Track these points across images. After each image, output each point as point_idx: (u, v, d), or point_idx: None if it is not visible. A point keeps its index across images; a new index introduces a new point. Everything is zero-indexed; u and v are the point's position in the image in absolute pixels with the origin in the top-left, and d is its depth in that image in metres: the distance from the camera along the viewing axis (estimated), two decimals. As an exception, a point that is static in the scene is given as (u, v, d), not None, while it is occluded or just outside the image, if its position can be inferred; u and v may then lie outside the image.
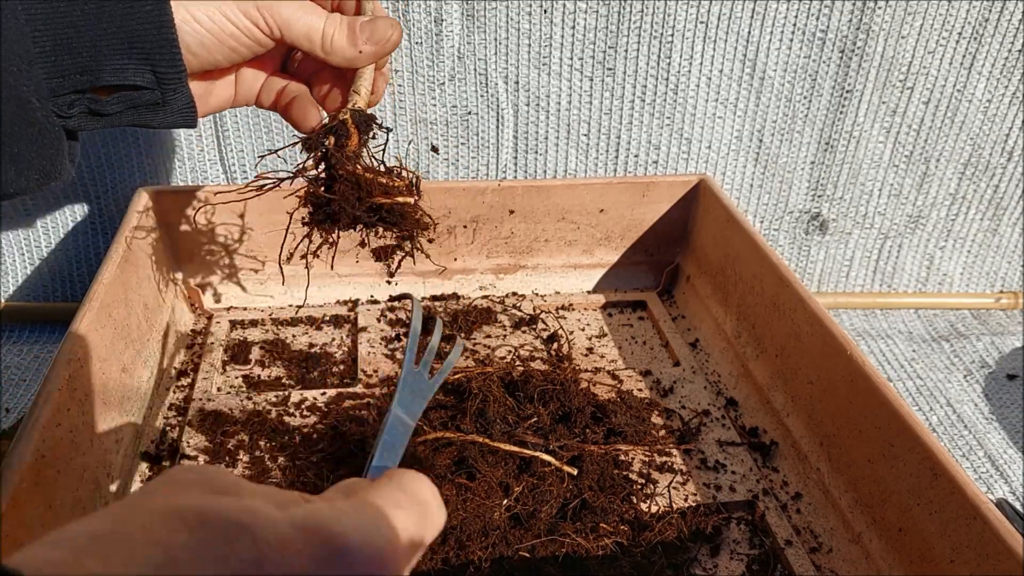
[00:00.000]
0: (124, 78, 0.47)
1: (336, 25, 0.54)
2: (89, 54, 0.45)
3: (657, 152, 0.95)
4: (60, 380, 0.56)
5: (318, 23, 0.53)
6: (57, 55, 0.44)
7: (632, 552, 0.60)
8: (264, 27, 0.51)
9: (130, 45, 0.46)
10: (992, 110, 0.94)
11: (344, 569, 0.27)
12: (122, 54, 0.46)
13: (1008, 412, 0.86)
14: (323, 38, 0.54)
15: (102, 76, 0.46)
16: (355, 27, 0.54)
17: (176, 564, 0.23)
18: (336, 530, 0.27)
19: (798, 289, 0.70)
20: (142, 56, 0.46)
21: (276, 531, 0.26)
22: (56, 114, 0.46)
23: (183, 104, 0.50)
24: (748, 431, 0.74)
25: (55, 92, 0.45)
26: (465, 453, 0.61)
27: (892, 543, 0.58)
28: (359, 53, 0.55)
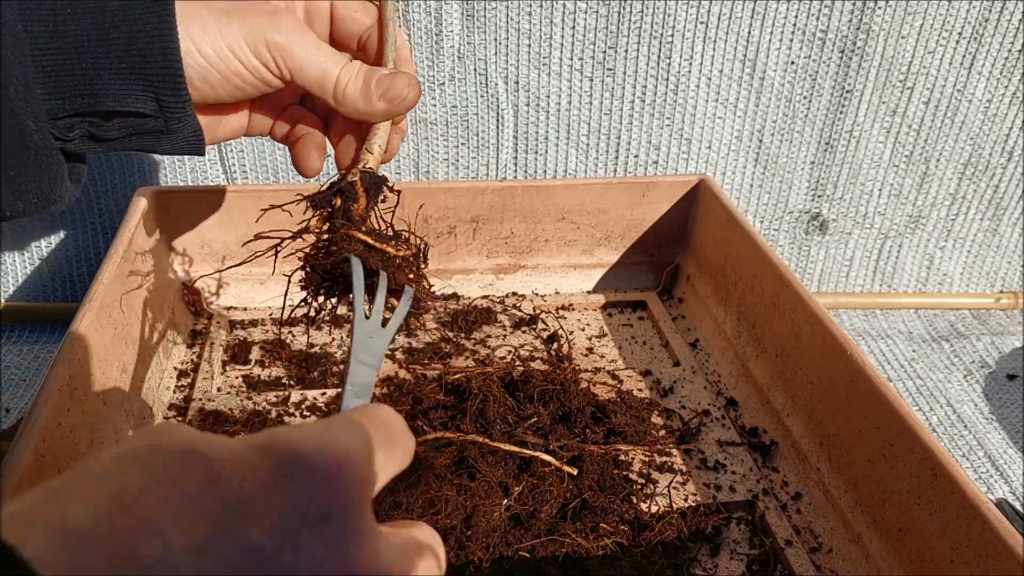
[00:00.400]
0: (126, 104, 0.45)
1: (352, 75, 0.50)
2: (90, 78, 0.43)
3: (657, 152, 0.95)
4: (60, 380, 0.56)
5: (333, 70, 0.50)
6: (57, 77, 0.43)
7: (632, 552, 0.60)
8: (274, 68, 0.48)
9: (132, 71, 0.44)
10: (992, 110, 0.94)
11: (302, 480, 0.25)
12: (124, 80, 0.44)
13: (1008, 412, 0.86)
14: (336, 87, 0.50)
15: (103, 101, 0.44)
16: (371, 81, 0.51)
17: (130, 492, 0.23)
18: (292, 444, 0.26)
19: (798, 289, 0.70)
20: (145, 83, 0.44)
21: (230, 451, 0.25)
22: (55, 136, 0.44)
23: (189, 133, 0.48)
24: (748, 431, 0.74)
25: (54, 115, 0.44)
26: (465, 453, 0.61)
27: (892, 543, 0.58)
28: (371, 109, 0.51)
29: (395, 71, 0.52)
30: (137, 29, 0.44)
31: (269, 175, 0.92)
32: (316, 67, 0.49)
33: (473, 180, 0.93)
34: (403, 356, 0.80)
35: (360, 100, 0.51)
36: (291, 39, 0.48)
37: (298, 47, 0.48)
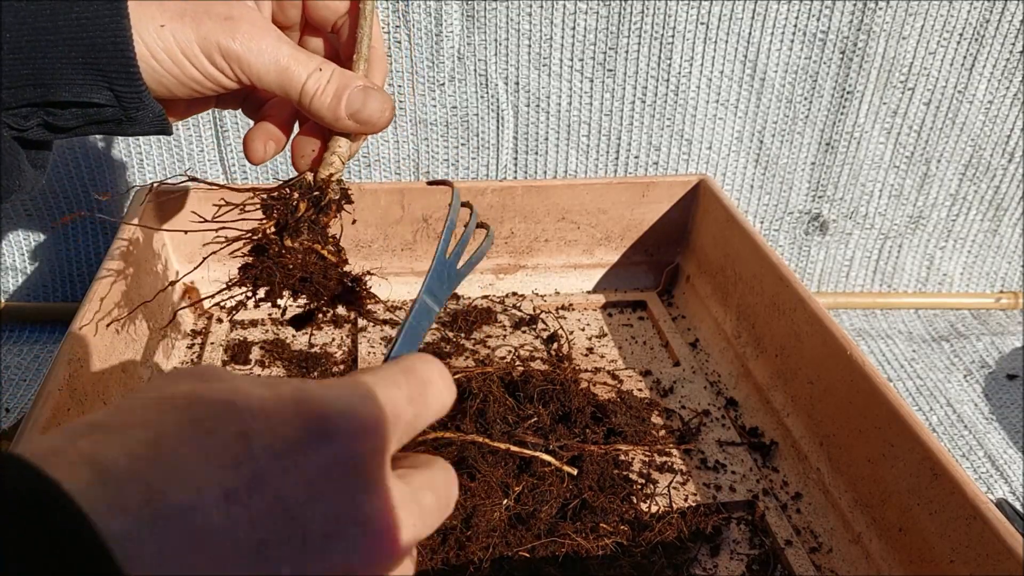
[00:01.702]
0: (80, 95, 0.43)
1: (322, 83, 0.47)
2: (41, 68, 0.42)
3: (658, 153, 0.95)
4: (60, 380, 0.56)
5: (297, 79, 0.47)
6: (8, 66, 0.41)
7: (632, 552, 0.60)
8: (230, 75, 0.46)
9: (85, 62, 0.42)
10: (993, 111, 0.94)
11: (329, 440, 0.27)
12: (77, 70, 0.43)
13: (1008, 412, 0.86)
14: (303, 95, 0.47)
15: (56, 92, 0.43)
16: (343, 95, 0.48)
17: (166, 441, 0.24)
18: (320, 401, 0.27)
19: (798, 289, 0.70)
20: (98, 74, 0.43)
21: (262, 405, 0.26)
22: (11, 127, 0.43)
23: (152, 117, 0.46)
24: (748, 431, 0.74)
25: (6, 105, 0.43)
26: (465, 453, 0.61)
27: (892, 543, 0.58)
28: (339, 126, 0.49)
29: (369, 86, 0.49)
30: (87, 18, 0.42)
31: (269, 175, 0.92)
32: (277, 75, 0.47)
33: (473, 180, 0.93)
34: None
35: (328, 113, 0.48)
36: (248, 47, 0.45)
37: (254, 56, 0.45)
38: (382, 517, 0.28)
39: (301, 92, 0.47)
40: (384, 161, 0.93)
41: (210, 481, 0.23)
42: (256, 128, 0.52)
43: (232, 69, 0.46)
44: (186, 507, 0.22)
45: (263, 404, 0.26)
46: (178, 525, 0.22)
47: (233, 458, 0.24)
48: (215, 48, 0.44)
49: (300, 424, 0.26)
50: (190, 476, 0.23)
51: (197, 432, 0.24)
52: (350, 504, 0.27)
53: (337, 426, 0.27)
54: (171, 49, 0.44)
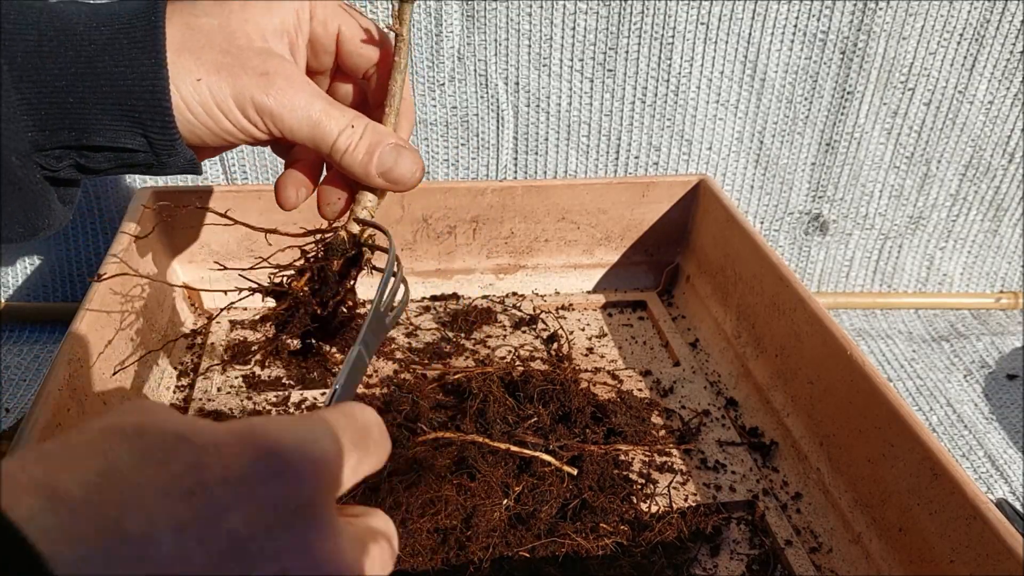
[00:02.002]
0: (114, 140, 0.44)
1: (354, 140, 0.48)
2: (77, 112, 0.42)
3: (658, 154, 0.95)
4: (60, 380, 0.56)
5: (329, 135, 0.47)
6: (42, 109, 0.42)
7: (632, 552, 0.60)
8: (263, 129, 0.46)
9: (120, 107, 0.43)
10: (993, 112, 0.94)
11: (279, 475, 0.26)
12: (112, 116, 0.43)
13: (1008, 412, 0.86)
14: (334, 151, 0.48)
15: (90, 136, 0.43)
16: (374, 152, 0.48)
17: (118, 470, 0.24)
18: (273, 437, 0.27)
19: (798, 289, 0.70)
20: (133, 120, 0.43)
21: (215, 438, 0.26)
22: (43, 167, 0.44)
23: (183, 162, 0.47)
24: (748, 431, 0.74)
25: (39, 147, 0.43)
26: (465, 453, 0.61)
27: (892, 543, 0.58)
28: (369, 182, 0.49)
29: (401, 145, 0.50)
30: (125, 64, 0.42)
31: (269, 175, 0.92)
32: (309, 130, 0.47)
33: (473, 180, 0.93)
34: (403, 356, 0.80)
35: (359, 170, 0.49)
36: (281, 103, 0.45)
37: (288, 112, 0.46)
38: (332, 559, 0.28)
39: (332, 148, 0.48)
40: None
41: (163, 512, 0.23)
42: (286, 175, 0.53)
43: (265, 123, 0.46)
44: (138, 537, 0.22)
45: (216, 437, 0.26)
46: (130, 554, 0.22)
47: (186, 490, 0.24)
48: (249, 103, 0.45)
49: (253, 458, 0.26)
50: (143, 506, 0.23)
51: (150, 463, 0.24)
52: (300, 543, 0.26)
53: (290, 462, 0.27)
54: (207, 103, 0.44)
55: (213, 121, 0.45)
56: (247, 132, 0.46)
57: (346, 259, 0.51)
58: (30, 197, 0.44)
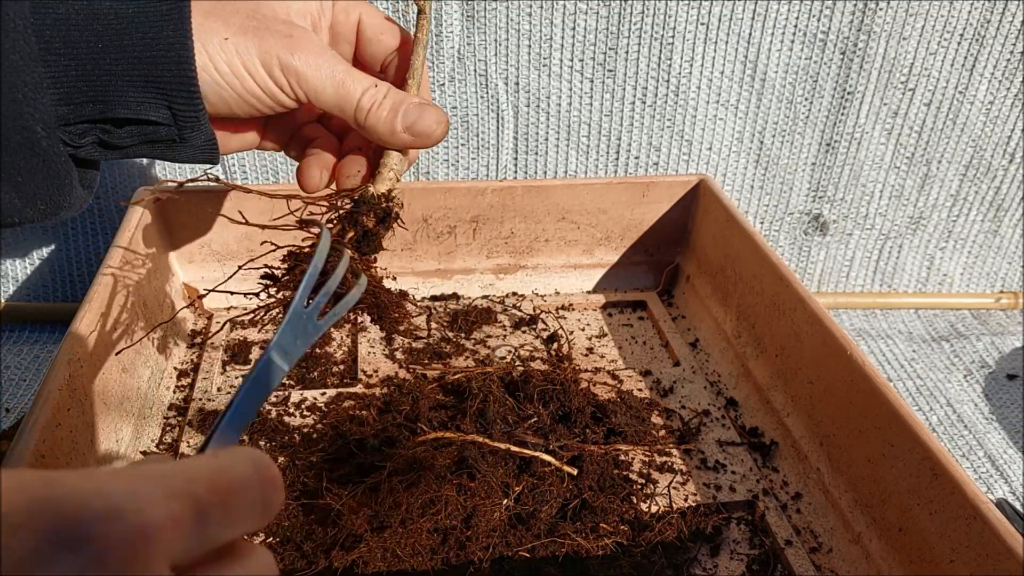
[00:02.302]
0: (138, 112, 0.44)
1: (378, 99, 0.49)
2: (103, 84, 0.43)
3: (658, 154, 0.95)
4: (60, 380, 0.56)
5: (353, 94, 0.48)
6: (69, 83, 0.42)
7: (632, 552, 0.60)
8: (288, 92, 0.47)
9: (145, 79, 0.43)
10: (994, 112, 0.94)
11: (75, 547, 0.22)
12: (137, 87, 0.43)
13: (1008, 412, 0.86)
14: (358, 111, 0.49)
15: (116, 108, 0.43)
16: (399, 109, 0.49)
17: None
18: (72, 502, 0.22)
19: (798, 289, 0.70)
20: (159, 91, 0.44)
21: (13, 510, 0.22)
22: (66, 143, 0.44)
23: (203, 142, 0.47)
24: (748, 431, 0.74)
25: (65, 121, 0.43)
26: (465, 453, 0.61)
27: (892, 543, 0.58)
28: (394, 140, 0.50)
29: (425, 102, 0.50)
30: (151, 36, 0.43)
31: (269, 175, 0.92)
32: (334, 90, 0.48)
33: (473, 180, 0.93)
34: (403, 356, 0.80)
35: (384, 128, 0.49)
36: (307, 62, 0.46)
37: (313, 71, 0.47)
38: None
39: (357, 107, 0.48)
40: (384, 161, 0.93)
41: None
42: (310, 157, 0.54)
43: (290, 84, 0.47)
44: None
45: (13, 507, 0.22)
46: None
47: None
48: (275, 62, 0.45)
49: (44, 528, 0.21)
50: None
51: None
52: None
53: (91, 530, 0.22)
54: (233, 62, 0.45)
55: (239, 81, 0.45)
56: (272, 95, 0.47)
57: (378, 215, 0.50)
58: (54, 171, 0.44)
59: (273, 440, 0.69)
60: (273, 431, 0.70)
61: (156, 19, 0.43)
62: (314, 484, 0.63)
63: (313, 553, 0.57)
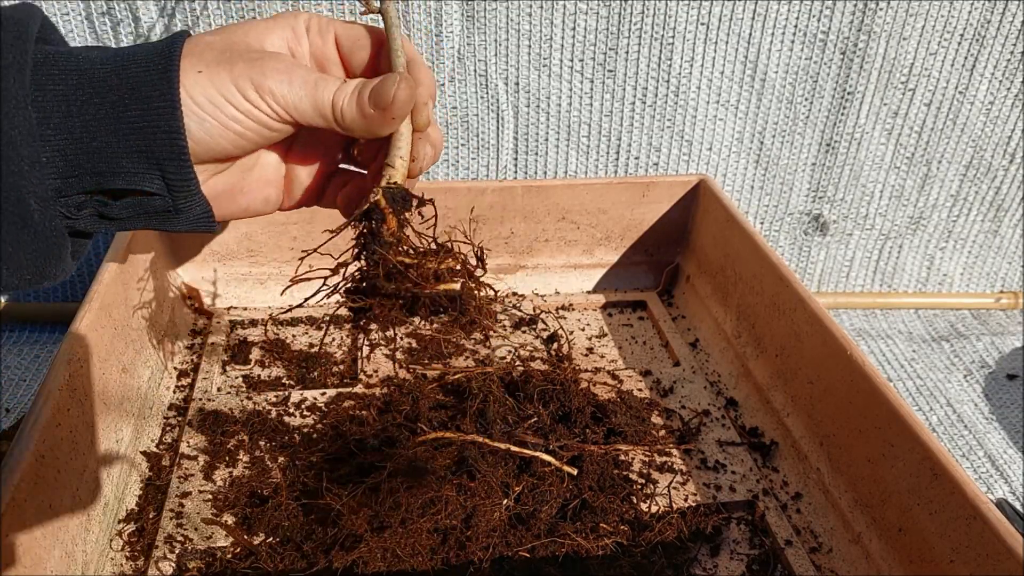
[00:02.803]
0: (133, 183, 0.44)
1: (346, 93, 0.48)
2: (99, 157, 0.43)
3: (658, 154, 0.95)
4: (60, 380, 0.56)
5: (326, 97, 0.48)
6: (68, 156, 0.42)
7: (632, 552, 0.60)
8: (267, 110, 0.47)
9: (139, 150, 0.43)
10: (994, 112, 0.94)
11: None
12: (132, 158, 0.44)
13: (1008, 412, 0.86)
14: (334, 112, 0.48)
15: (111, 180, 0.44)
16: (364, 93, 0.48)
17: None
18: None
19: (798, 289, 0.70)
20: (151, 161, 0.44)
21: None
22: (64, 215, 0.44)
23: (198, 213, 0.47)
24: (748, 431, 0.74)
25: (62, 193, 0.43)
26: (465, 453, 0.61)
27: (892, 543, 0.58)
28: (369, 123, 0.48)
29: (387, 75, 0.49)
30: (142, 108, 0.43)
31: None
32: (310, 101, 0.47)
33: (473, 180, 0.94)
34: (403, 356, 0.80)
35: (357, 117, 0.48)
36: (278, 79, 0.46)
37: (285, 86, 0.46)
38: None
39: (332, 108, 0.48)
40: (384, 161, 0.93)
41: None
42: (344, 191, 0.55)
43: (267, 103, 0.46)
44: None
45: None
46: None
47: None
48: (248, 84, 0.46)
49: None
50: None
51: None
52: None
53: None
54: (208, 92, 0.45)
55: (218, 109, 0.45)
56: (253, 116, 0.47)
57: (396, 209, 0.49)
58: (45, 245, 0.44)
59: (273, 440, 0.69)
60: (273, 431, 0.70)
61: (149, 91, 0.43)
62: (314, 484, 0.63)
63: (313, 553, 0.57)
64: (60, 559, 0.52)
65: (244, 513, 0.62)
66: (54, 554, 0.52)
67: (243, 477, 0.65)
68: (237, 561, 0.58)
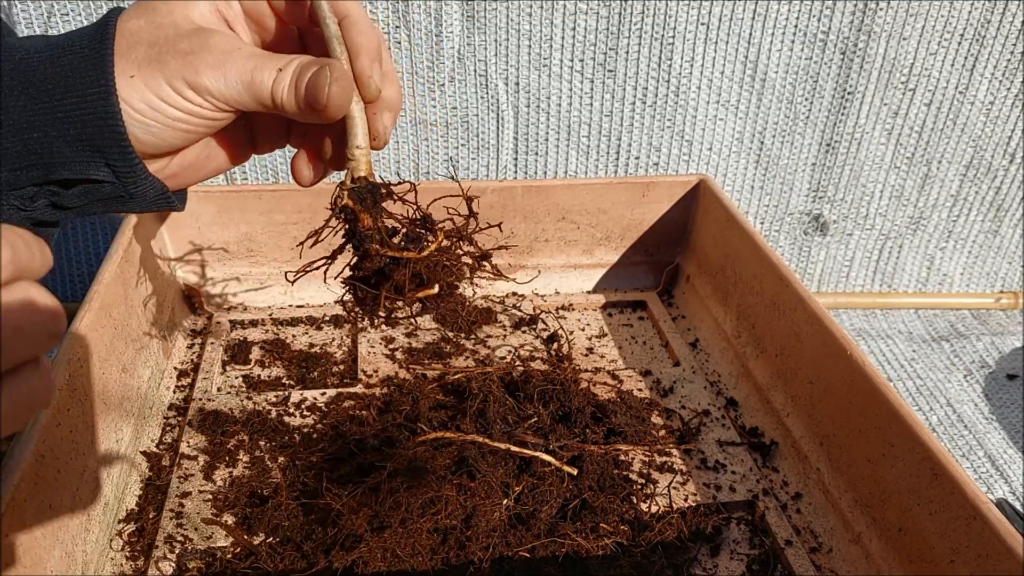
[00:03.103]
0: (79, 172, 0.44)
1: (285, 81, 0.45)
2: (43, 148, 0.43)
3: (658, 154, 0.95)
4: (60, 380, 0.56)
5: (264, 86, 0.45)
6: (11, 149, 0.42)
7: (632, 552, 0.60)
8: (208, 107, 0.45)
9: (80, 139, 0.43)
10: (994, 112, 0.94)
11: None
12: (74, 148, 0.43)
13: (1008, 412, 0.86)
14: (275, 105, 0.45)
15: (57, 170, 0.43)
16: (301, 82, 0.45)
17: None
18: None
19: (798, 289, 0.70)
20: (94, 150, 0.43)
21: None
22: (18, 208, 0.44)
23: (154, 195, 0.46)
24: (748, 431, 0.74)
25: (12, 185, 0.43)
26: (465, 453, 0.61)
27: (892, 543, 0.58)
28: (305, 116, 0.46)
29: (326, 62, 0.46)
30: (78, 96, 0.43)
31: (268, 175, 0.92)
32: (248, 92, 0.45)
33: (473, 180, 0.93)
34: (403, 356, 0.80)
35: (298, 111, 0.46)
36: (212, 76, 0.44)
37: (220, 82, 0.44)
38: None
39: (273, 99, 0.45)
40: (384, 161, 0.93)
41: None
42: (296, 156, 0.52)
43: (207, 100, 0.45)
44: None
45: None
46: None
47: None
48: (182, 83, 0.44)
49: None
50: None
51: None
52: None
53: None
54: (145, 96, 0.44)
55: (159, 113, 0.44)
56: (195, 113, 0.45)
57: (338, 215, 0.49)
58: None
59: (273, 440, 0.69)
60: (273, 431, 0.70)
61: (82, 78, 0.43)
62: (314, 484, 0.63)
63: (313, 553, 0.57)
64: (60, 559, 0.52)
65: (244, 513, 0.62)
66: (54, 554, 0.52)
67: (243, 477, 0.65)
68: (237, 561, 0.58)
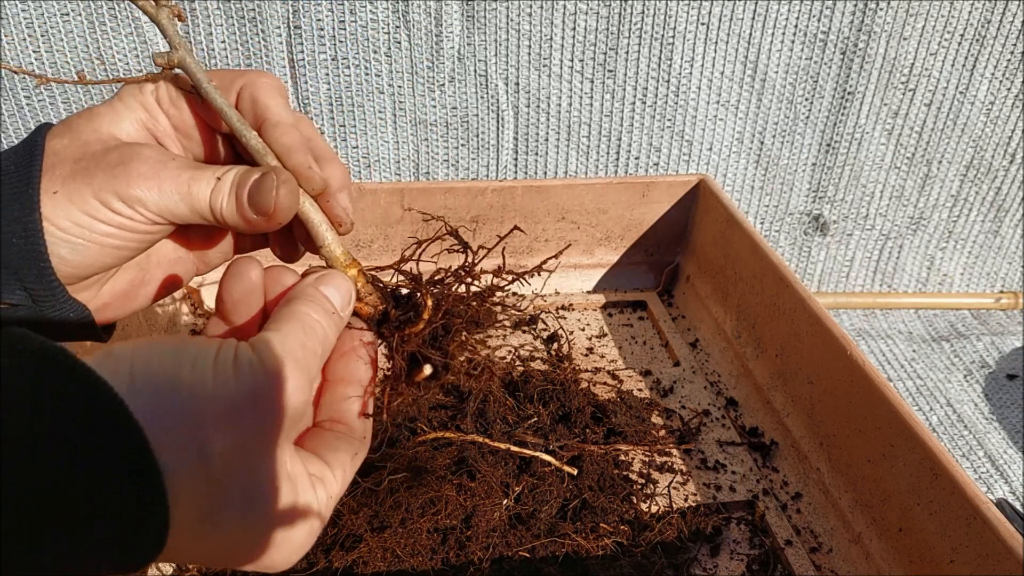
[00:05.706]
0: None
1: (224, 193, 0.42)
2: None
3: (658, 154, 0.95)
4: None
5: (202, 197, 0.42)
6: None
7: (632, 552, 0.60)
8: (141, 219, 0.41)
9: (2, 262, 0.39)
10: (995, 112, 0.94)
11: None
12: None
13: (1008, 412, 0.86)
14: (215, 214, 0.42)
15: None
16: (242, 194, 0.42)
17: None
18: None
19: (798, 289, 0.70)
20: (11, 271, 0.40)
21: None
22: None
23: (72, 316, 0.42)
24: (748, 431, 0.74)
25: None
26: (465, 453, 0.61)
27: (892, 543, 0.58)
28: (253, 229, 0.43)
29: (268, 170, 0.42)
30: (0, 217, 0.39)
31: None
32: (185, 203, 0.42)
33: (473, 180, 0.93)
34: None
35: (241, 223, 0.42)
36: (145, 186, 0.41)
37: (154, 193, 0.41)
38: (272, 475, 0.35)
39: (211, 210, 0.42)
40: (384, 161, 0.93)
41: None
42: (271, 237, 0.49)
43: (139, 212, 0.41)
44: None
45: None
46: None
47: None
48: (112, 196, 0.40)
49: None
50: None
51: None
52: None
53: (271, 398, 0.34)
54: (70, 214, 0.40)
55: (86, 229, 0.41)
56: (126, 227, 0.42)
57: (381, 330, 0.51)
58: None
59: (273, 440, 0.69)
60: (273, 431, 0.69)
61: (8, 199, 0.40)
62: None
63: (313, 553, 0.57)
64: (60, 559, 0.52)
65: (244, 513, 0.62)
66: (54, 554, 0.52)
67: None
68: (237, 561, 0.58)
